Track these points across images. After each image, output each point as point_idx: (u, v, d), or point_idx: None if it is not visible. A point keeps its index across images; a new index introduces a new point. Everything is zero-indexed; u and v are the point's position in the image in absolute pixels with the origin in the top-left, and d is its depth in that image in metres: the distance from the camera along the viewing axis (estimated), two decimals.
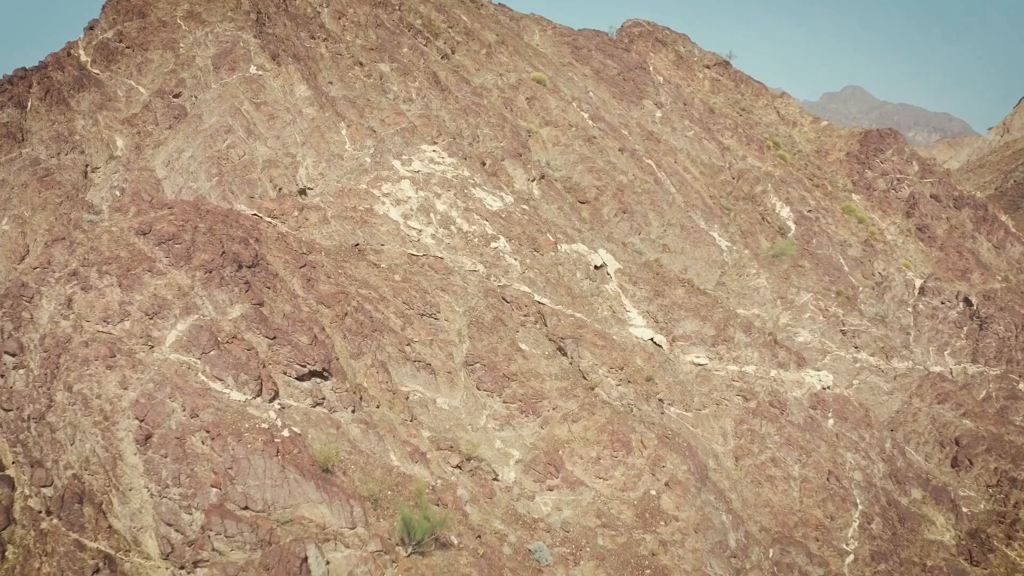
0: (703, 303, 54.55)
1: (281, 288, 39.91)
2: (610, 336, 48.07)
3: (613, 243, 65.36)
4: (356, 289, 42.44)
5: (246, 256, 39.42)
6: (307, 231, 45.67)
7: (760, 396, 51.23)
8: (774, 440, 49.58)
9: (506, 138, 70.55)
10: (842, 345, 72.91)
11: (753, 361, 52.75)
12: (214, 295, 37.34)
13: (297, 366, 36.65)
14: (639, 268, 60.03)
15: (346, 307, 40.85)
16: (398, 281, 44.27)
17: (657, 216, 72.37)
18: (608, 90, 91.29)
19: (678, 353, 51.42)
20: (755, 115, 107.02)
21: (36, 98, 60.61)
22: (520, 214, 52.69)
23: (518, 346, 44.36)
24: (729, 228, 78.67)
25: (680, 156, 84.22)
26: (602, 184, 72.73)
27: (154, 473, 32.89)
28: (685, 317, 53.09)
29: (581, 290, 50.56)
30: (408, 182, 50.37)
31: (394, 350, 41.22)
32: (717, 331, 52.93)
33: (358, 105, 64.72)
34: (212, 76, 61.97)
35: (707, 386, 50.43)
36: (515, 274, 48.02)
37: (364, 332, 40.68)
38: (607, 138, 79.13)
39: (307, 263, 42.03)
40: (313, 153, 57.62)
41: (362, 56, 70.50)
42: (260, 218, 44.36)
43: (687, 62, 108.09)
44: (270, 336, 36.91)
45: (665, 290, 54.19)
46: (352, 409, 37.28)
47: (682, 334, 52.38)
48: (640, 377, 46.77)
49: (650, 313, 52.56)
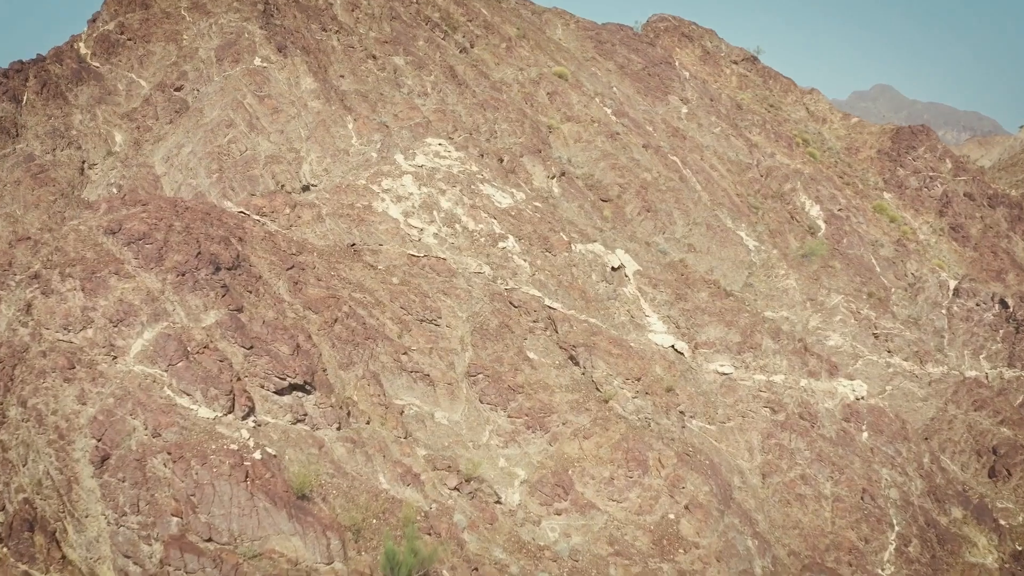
0: (728, 307, 49.73)
1: (264, 292, 35.56)
2: (627, 343, 43.42)
3: (636, 243, 60.88)
4: (349, 293, 38.04)
5: (226, 257, 35.09)
6: (299, 230, 41.30)
7: (789, 408, 46.41)
8: (804, 456, 44.79)
9: (525, 134, 66.16)
10: (874, 349, 68.00)
11: (782, 370, 47.91)
12: (187, 300, 33.04)
13: (276, 379, 32.27)
14: (662, 268, 55.47)
15: (336, 312, 36.45)
16: (396, 284, 39.82)
17: (682, 215, 67.80)
18: (632, 85, 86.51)
19: (701, 361, 46.66)
20: (784, 111, 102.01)
21: (32, 92, 56.68)
22: (532, 211, 48.10)
23: (526, 355, 39.81)
24: (757, 227, 73.88)
25: (706, 153, 79.40)
26: (625, 181, 68.17)
27: (111, 499, 28.65)
28: (709, 322, 48.28)
29: (596, 293, 45.90)
30: (410, 177, 45.88)
31: (389, 360, 36.78)
32: (743, 337, 48.11)
33: (370, 99, 60.53)
34: (215, 68, 57.84)
35: (732, 397, 45.67)
36: (524, 276, 43.44)
37: (356, 340, 36.26)
38: (631, 134, 74.54)
39: (296, 264, 37.66)
40: (318, 148, 53.33)
41: (376, 49, 66.25)
42: (247, 216, 40.03)
43: (714, 57, 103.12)
44: (247, 345, 32.54)
45: (687, 293, 49.39)
46: (338, 426, 32.85)
47: (705, 341, 47.59)
48: (659, 388, 42.11)
49: (671, 318, 47.82)
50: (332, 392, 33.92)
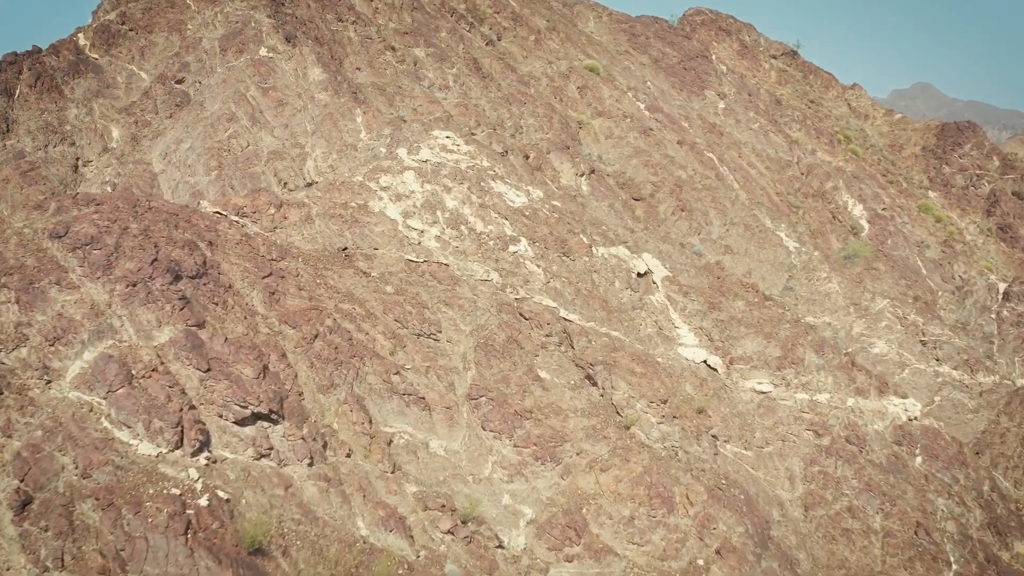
0: (767, 317, 43.50)
1: (234, 304, 29.97)
2: (652, 359, 37.43)
3: (670, 244, 55.05)
4: (336, 304, 32.37)
5: (189, 264, 29.55)
6: (284, 232, 35.67)
7: (835, 430, 40.19)
8: (851, 484, 38.61)
9: (553, 129, 60.50)
10: (922, 357, 61.65)
11: (827, 388, 41.65)
12: (137, 314, 27.51)
13: (236, 406, 26.67)
14: (697, 272, 49.52)
15: (318, 327, 30.79)
16: (390, 293, 34.08)
17: (719, 214, 61.84)
18: (667, 80, 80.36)
19: (736, 378, 40.53)
20: (825, 107, 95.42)
21: (25, 85, 51.63)
22: (548, 211, 42.14)
23: (536, 374, 33.93)
24: (797, 227, 67.68)
25: (744, 150, 73.12)
26: (659, 179, 62.31)
27: (32, 551, 23.13)
28: (745, 334, 42.09)
29: (619, 303, 39.88)
30: (412, 173, 40.12)
31: (378, 380, 31.06)
32: (784, 351, 41.87)
33: (388, 93, 55.03)
34: (218, 59, 52.50)
35: (771, 419, 39.54)
36: (537, 284, 37.53)
37: (339, 358, 30.58)
38: (665, 130, 68.62)
39: (275, 272, 32.04)
40: (323, 143, 47.77)
41: (395, 40, 60.70)
42: (223, 217, 34.45)
43: (752, 52, 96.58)
44: (204, 368, 26.95)
45: (722, 302, 43.20)
46: (309, 461, 27.20)
47: (741, 355, 41.41)
48: (689, 409, 36.11)
49: (703, 330, 41.70)
50: (306, 420, 28.28)
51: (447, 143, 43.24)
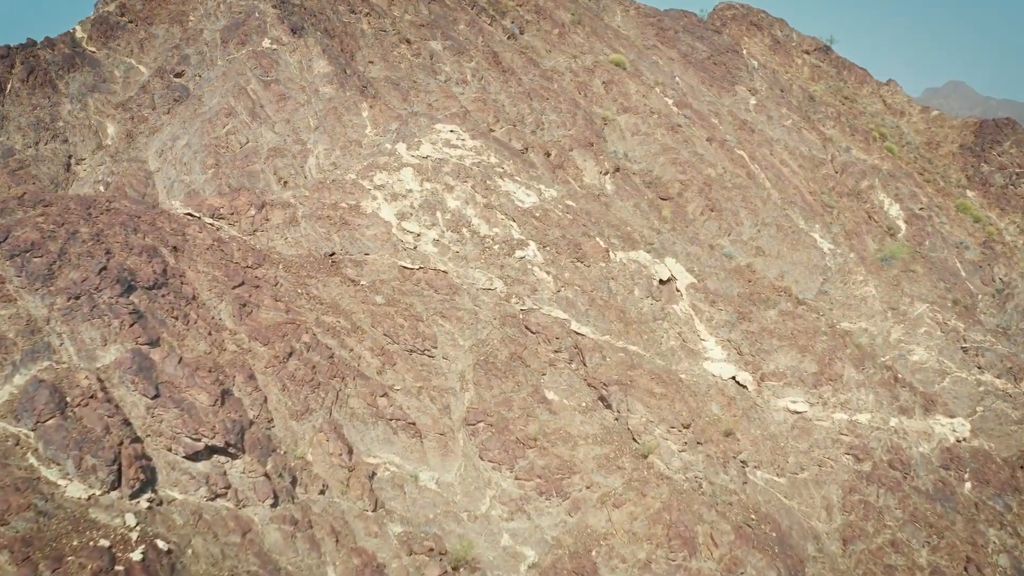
0: (802, 328, 38.77)
1: (198, 318, 25.75)
2: (675, 376, 32.86)
3: (698, 245, 50.42)
4: (317, 316, 28.10)
5: (146, 273, 25.38)
6: (265, 235, 31.39)
7: (877, 454, 35.49)
8: (895, 515, 33.93)
9: (577, 126, 56.06)
10: (963, 365, 56.50)
11: (867, 407, 36.93)
12: (79, 331, 23.36)
13: (188, 439, 22.45)
14: (727, 275, 45.04)
15: (293, 343, 26.52)
16: (380, 304, 29.73)
17: (750, 214, 57.03)
18: (696, 75, 75.45)
19: (768, 397, 35.86)
20: (859, 104, 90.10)
21: (17, 79, 47.73)
22: (561, 212, 37.57)
23: (543, 395, 29.47)
24: (832, 228, 62.74)
25: (776, 147, 68.19)
26: (687, 178, 57.61)
27: None
28: (778, 347, 37.39)
29: (639, 313, 35.26)
30: (411, 171, 35.73)
31: (361, 404, 26.75)
32: (820, 366, 37.15)
33: (402, 87, 50.87)
34: (219, 51, 48.39)
35: (806, 441, 34.88)
36: (546, 293, 33.02)
37: (317, 379, 26.30)
38: (694, 126, 63.93)
39: (248, 281, 27.81)
40: (326, 139, 43.53)
41: (410, 33, 56.47)
42: (196, 219, 30.21)
43: (784, 47, 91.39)
44: (151, 393, 22.73)
45: (752, 312, 38.50)
46: (273, 500, 22.94)
47: (774, 371, 36.71)
48: (715, 432, 31.57)
49: (732, 342, 37.03)
50: (273, 453, 24.02)
51: (451, 138, 38.83)
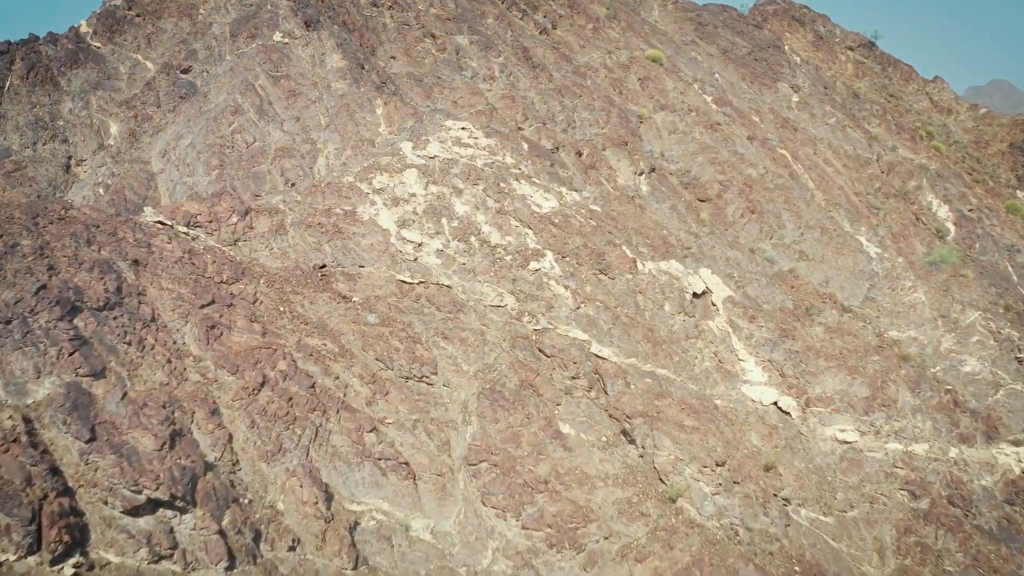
0: (852, 347, 34.12)
1: (156, 343, 21.81)
2: (709, 402, 28.45)
3: (738, 250, 46.02)
4: (300, 339, 24.05)
5: (96, 292, 21.48)
6: (248, 245, 27.37)
7: (935, 489, 30.85)
8: (955, 559, 29.31)
9: (611, 124, 51.85)
10: (1018, 376, 51.40)
11: (924, 435, 32.26)
12: (8, 362, 19.47)
13: (127, 490, 18.50)
14: (768, 281, 40.74)
15: (267, 372, 22.50)
16: (374, 324, 25.61)
17: (793, 217, 52.43)
18: (737, 71, 70.72)
19: (814, 424, 31.28)
20: (905, 101, 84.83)
21: (17, 76, 44.31)
22: (584, 217, 33.18)
23: (556, 428, 25.22)
24: (878, 231, 57.86)
25: (820, 146, 63.35)
26: (726, 178, 53.12)
27: None
28: (825, 368, 32.77)
29: (669, 331, 30.80)
30: (415, 172, 31.56)
31: (345, 441, 22.67)
32: (872, 390, 32.51)
33: (425, 84, 46.90)
34: (228, 46, 44.63)
35: (857, 475, 30.31)
36: (564, 310, 28.69)
37: (294, 413, 22.26)
38: (734, 125, 59.39)
39: (220, 298, 23.83)
40: (337, 138, 39.55)
41: (435, 27, 52.50)
42: (167, 227, 26.25)
43: (828, 43, 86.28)
44: (85, 436, 18.80)
45: (796, 328, 33.89)
46: (229, 563, 18.91)
47: (820, 395, 32.11)
48: (754, 467, 27.17)
49: (774, 363, 32.48)
50: (235, 502, 20.00)
51: (462, 135, 34.63)
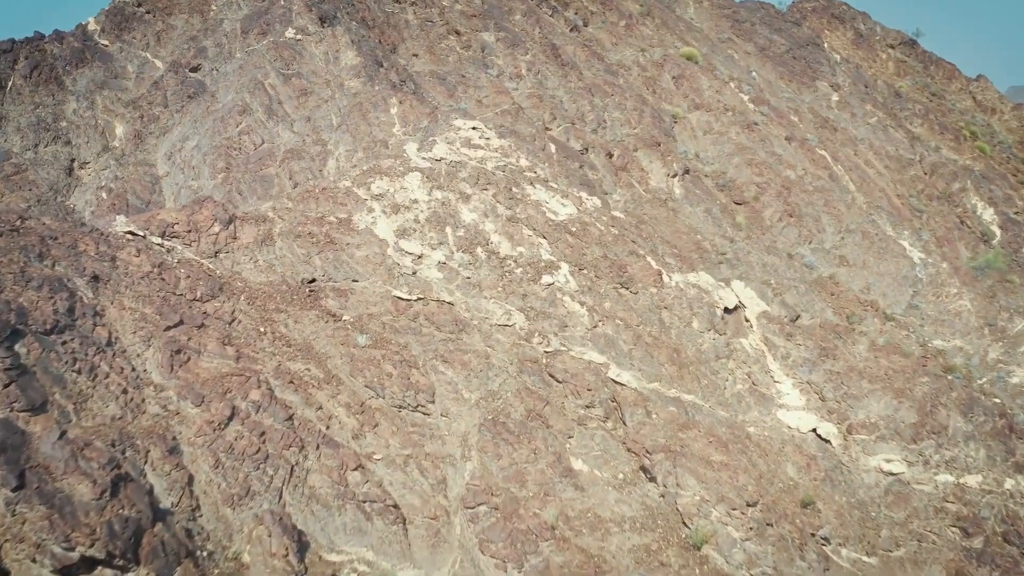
0: (898, 367, 30.56)
1: (112, 371, 18.92)
2: (740, 430, 25.13)
3: (775, 255, 42.92)
4: (279, 364, 21.07)
5: (43, 313, 18.61)
6: (231, 258, 24.40)
7: (989, 525, 27.29)
8: None
9: (643, 124, 48.73)
10: None
11: (977, 465, 28.67)
12: None
13: (58, 548, 15.62)
14: (807, 288, 37.61)
15: (237, 402, 19.54)
16: (364, 346, 22.56)
17: (832, 220, 49.05)
18: (775, 70, 67.06)
19: (857, 453, 27.78)
20: (948, 101, 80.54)
21: (20, 76, 41.76)
22: (604, 225, 29.86)
23: (567, 465, 22.01)
24: (922, 234, 54.22)
25: (861, 147, 59.65)
26: (764, 180, 49.81)
27: None
28: (869, 391, 29.25)
29: (697, 351, 27.43)
30: (418, 176, 28.45)
31: (325, 481, 19.65)
32: (921, 415, 28.95)
33: (448, 82, 44.02)
34: (238, 43, 41.89)
35: (903, 510, 26.83)
36: (579, 330, 25.43)
37: (266, 450, 19.27)
38: (771, 124, 55.97)
39: (189, 319, 20.90)
40: (349, 139, 36.59)
41: (460, 24, 49.55)
42: (138, 238, 23.35)
43: (868, 41, 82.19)
44: (13, 484, 15.93)
45: (837, 347, 30.34)
46: None
47: (864, 421, 28.60)
48: (790, 503, 23.85)
49: (813, 385, 29.02)
50: (190, 556, 17.04)
51: (472, 136, 31.47)
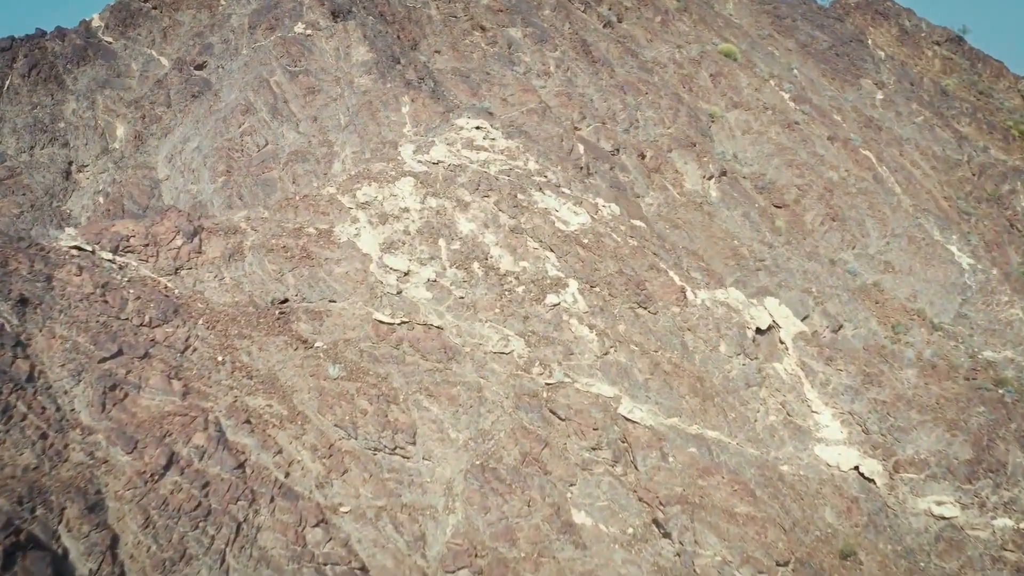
0: (951, 394, 26.64)
1: (30, 411, 15.78)
2: (771, 471, 21.48)
3: (817, 261, 39.50)
4: (235, 399, 17.83)
5: None
6: (193, 275, 21.14)
7: None
8: None
9: (678, 123, 45.29)
10: None
11: None
12: None
13: None
14: (850, 297, 34.32)
15: (177, 448, 16.32)
16: (338, 379, 19.22)
17: (877, 224, 45.28)
18: (817, 67, 63.05)
19: (904, 495, 23.97)
20: (996, 99, 75.83)
21: (18, 75, 38.99)
22: (622, 236, 26.17)
23: (568, 517, 18.52)
24: (970, 239, 50.15)
25: (906, 147, 55.55)
26: (805, 182, 46.19)
27: None
28: (919, 423, 25.40)
29: (725, 380, 23.75)
30: (411, 182, 24.99)
31: (278, 541, 16.36)
32: (977, 450, 25.03)
33: (472, 80, 40.92)
34: (245, 39, 38.80)
35: (956, 559, 23.04)
36: (587, 357, 21.86)
37: (209, 504, 16.03)
38: (813, 124, 52.17)
39: (131, 348, 17.71)
40: (356, 140, 33.31)
41: (486, 19, 46.31)
42: (86, 253, 20.17)
43: (913, 38, 77.62)
44: None
45: (883, 371, 26.45)
46: None
47: (913, 457, 24.76)
48: (827, 555, 20.25)
49: (855, 416, 25.23)
50: None
51: (476, 136, 27.96)
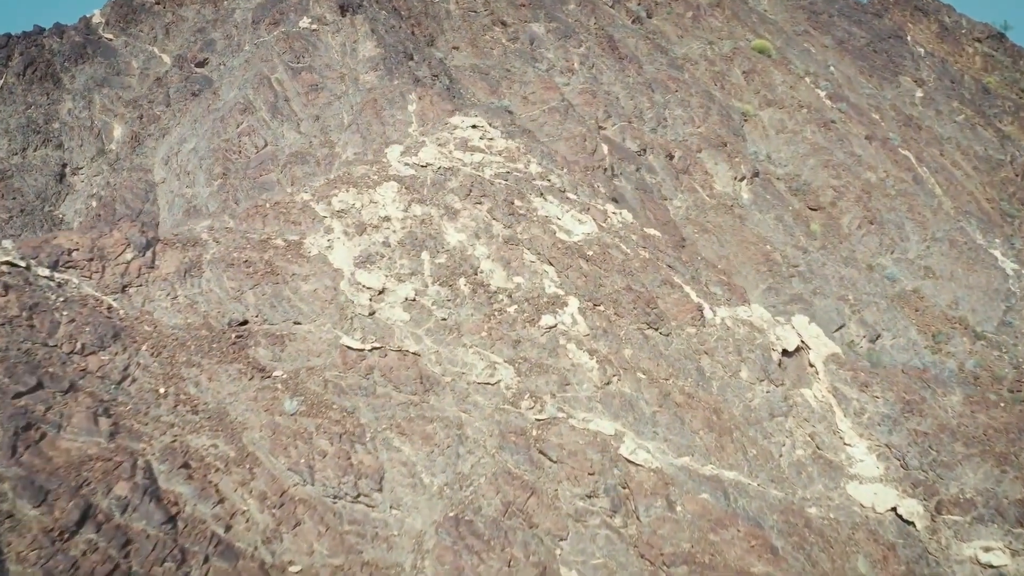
0: (1000, 424, 23.29)
1: None
2: (796, 517, 18.43)
3: (854, 267, 37.21)
4: (173, 439, 15.15)
5: None
6: (142, 293, 18.40)
7: None
8: None
9: (708, 122, 42.78)
10: None
11: None
12: None
13: None
14: (888, 304, 32.46)
15: (95, 499, 13.65)
16: (297, 415, 16.47)
17: (917, 227, 42.45)
18: (854, 64, 59.78)
19: (947, 539, 20.76)
20: None
21: (13, 73, 36.87)
22: (631, 247, 23.05)
23: None
24: (1014, 243, 47.13)
25: (947, 147, 52.23)
26: (841, 184, 43.56)
27: None
28: (964, 457, 22.13)
29: (746, 410, 20.61)
30: (394, 187, 22.09)
31: None
32: None
33: (491, 78, 38.66)
34: (248, 34, 36.38)
35: None
36: (586, 388, 18.84)
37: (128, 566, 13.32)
38: (850, 123, 49.27)
39: (53, 380, 15.04)
40: (358, 140, 30.61)
41: (507, 14, 43.86)
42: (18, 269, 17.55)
43: (953, 34, 73.77)
44: None
45: (924, 399, 23.14)
46: None
47: (957, 496, 21.53)
48: None
49: (894, 450, 22.02)
50: None
51: (471, 136, 25.01)
